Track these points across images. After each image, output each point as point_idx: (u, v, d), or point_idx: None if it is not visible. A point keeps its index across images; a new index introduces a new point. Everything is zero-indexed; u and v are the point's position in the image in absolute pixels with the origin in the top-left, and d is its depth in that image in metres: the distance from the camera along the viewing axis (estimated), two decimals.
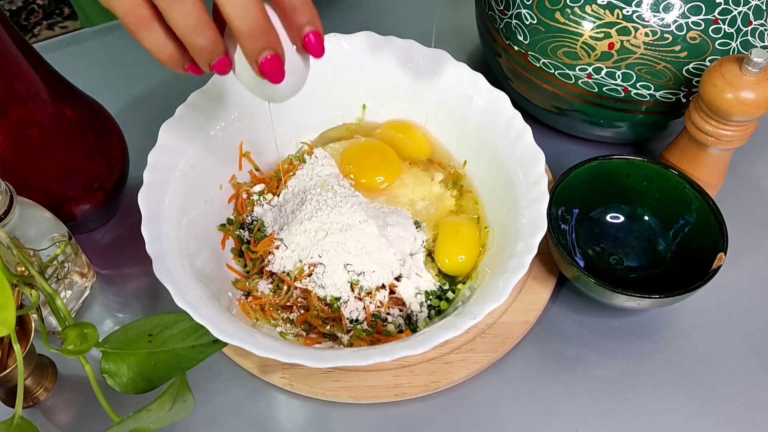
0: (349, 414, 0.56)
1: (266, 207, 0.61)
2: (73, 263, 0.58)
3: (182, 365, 0.47)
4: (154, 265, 0.49)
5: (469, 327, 0.48)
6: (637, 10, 0.58)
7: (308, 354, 0.48)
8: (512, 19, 0.64)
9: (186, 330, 0.49)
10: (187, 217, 0.56)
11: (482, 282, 0.56)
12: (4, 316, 0.42)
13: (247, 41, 0.42)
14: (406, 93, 0.64)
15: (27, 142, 0.55)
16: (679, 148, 0.63)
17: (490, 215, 0.61)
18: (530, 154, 0.56)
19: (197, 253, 0.56)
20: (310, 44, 0.44)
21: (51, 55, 0.58)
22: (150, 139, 0.56)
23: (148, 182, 0.54)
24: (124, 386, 0.47)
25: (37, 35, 1.95)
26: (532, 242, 0.51)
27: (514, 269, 0.50)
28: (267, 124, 0.63)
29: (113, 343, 0.48)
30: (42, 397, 0.56)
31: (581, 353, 0.59)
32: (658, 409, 0.56)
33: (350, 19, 0.65)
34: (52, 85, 0.55)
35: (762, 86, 0.54)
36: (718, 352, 0.59)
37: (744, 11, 0.59)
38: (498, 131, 0.59)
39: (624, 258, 0.62)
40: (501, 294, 0.49)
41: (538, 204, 0.54)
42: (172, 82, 0.77)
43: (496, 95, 0.59)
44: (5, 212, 0.49)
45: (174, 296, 0.48)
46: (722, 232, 0.57)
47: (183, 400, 0.44)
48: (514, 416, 0.56)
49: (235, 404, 0.56)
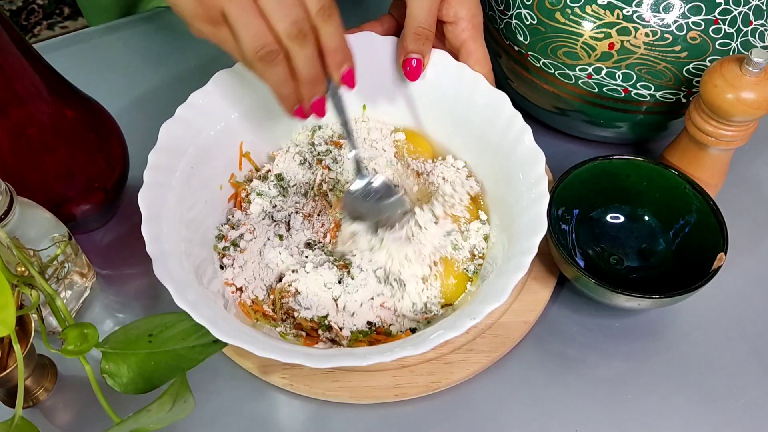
0: (350, 414, 0.56)
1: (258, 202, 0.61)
2: (73, 263, 0.58)
3: (182, 365, 0.47)
4: (154, 265, 0.49)
5: (470, 327, 0.48)
6: (638, 11, 0.58)
7: (308, 354, 0.48)
8: (512, 19, 0.64)
9: (186, 330, 0.49)
10: (188, 217, 0.56)
11: (482, 282, 0.56)
12: (4, 316, 0.42)
13: (301, 85, 0.50)
14: (405, 94, 0.64)
15: (27, 142, 0.55)
16: (679, 149, 0.63)
17: (490, 215, 0.61)
18: (530, 154, 0.56)
19: (197, 254, 0.56)
20: (346, 77, 0.52)
21: (51, 55, 0.58)
22: (150, 139, 0.56)
23: (149, 182, 0.54)
24: (124, 386, 0.47)
25: (37, 35, 1.95)
26: (533, 242, 0.51)
27: (515, 269, 0.50)
28: (266, 124, 0.63)
29: (113, 343, 0.48)
30: (42, 398, 0.56)
31: (581, 353, 0.59)
32: (659, 410, 0.56)
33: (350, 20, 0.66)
34: (52, 85, 0.55)
35: (762, 86, 0.54)
36: (719, 352, 0.59)
37: (744, 11, 0.59)
38: (498, 131, 0.59)
39: (624, 258, 0.62)
40: (501, 294, 0.49)
41: (538, 204, 0.54)
42: (172, 82, 0.77)
43: (496, 95, 0.59)
44: (5, 212, 0.49)
45: (174, 297, 0.48)
46: (722, 232, 0.57)
47: (183, 400, 0.44)
48: (514, 416, 0.56)
49: (235, 404, 0.56)
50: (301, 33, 0.46)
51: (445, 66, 0.61)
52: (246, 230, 0.60)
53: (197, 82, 0.59)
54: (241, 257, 0.58)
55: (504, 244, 0.56)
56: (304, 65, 0.48)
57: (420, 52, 0.58)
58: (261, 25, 0.45)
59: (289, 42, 0.46)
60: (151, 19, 0.84)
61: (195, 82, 0.60)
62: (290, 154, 0.64)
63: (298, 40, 0.46)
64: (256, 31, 0.45)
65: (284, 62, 0.48)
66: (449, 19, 0.59)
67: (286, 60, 0.48)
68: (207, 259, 0.58)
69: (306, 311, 0.56)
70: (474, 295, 0.55)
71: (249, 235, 0.59)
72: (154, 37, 0.83)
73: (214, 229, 0.60)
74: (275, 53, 0.47)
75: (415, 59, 0.57)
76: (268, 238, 0.59)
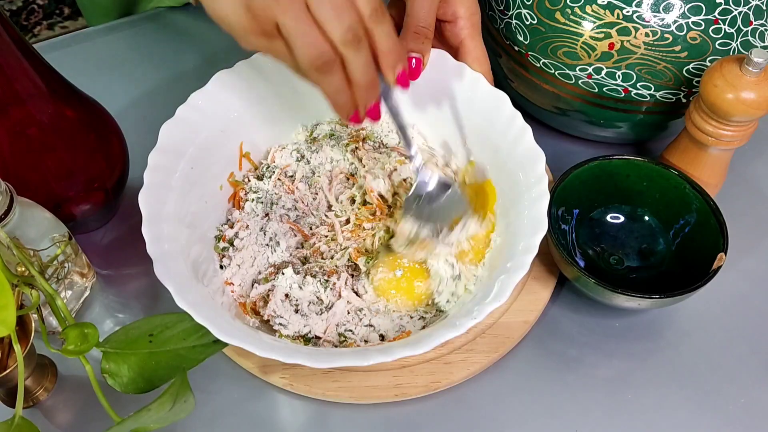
0: (349, 414, 0.56)
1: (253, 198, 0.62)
2: (73, 263, 0.58)
3: (183, 365, 0.47)
4: (155, 266, 0.49)
5: (470, 327, 0.48)
6: (638, 11, 0.58)
7: (308, 354, 0.48)
8: (512, 19, 0.64)
9: (186, 330, 0.49)
10: (188, 217, 0.56)
11: (483, 282, 0.56)
12: (4, 316, 0.42)
13: (357, 90, 0.49)
14: (406, 94, 0.64)
15: (27, 142, 0.55)
16: (679, 149, 0.63)
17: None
18: (531, 153, 0.56)
19: (198, 254, 0.56)
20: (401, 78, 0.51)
21: (51, 55, 0.58)
22: (150, 139, 0.56)
23: (149, 183, 0.54)
24: (124, 386, 0.47)
25: (37, 35, 1.95)
26: (533, 242, 0.51)
27: (515, 269, 0.50)
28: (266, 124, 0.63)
29: (114, 343, 0.48)
30: (42, 398, 0.56)
31: (581, 353, 0.59)
32: (659, 409, 0.56)
33: None
34: (52, 85, 0.55)
35: (762, 86, 0.54)
36: (719, 352, 0.59)
37: (744, 11, 0.59)
38: (498, 131, 0.59)
39: (624, 258, 0.62)
40: (502, 294, 0.49)
41: (538, 204, 0.54)
42: (172, 82, 0.77)
43: (496, 95, 0.59)
44: (5, 212, 0.49)
45: (175, 297, 0.48)
46: (722, 232, 0.57)
47: (183, 400, 0.44)
48: (514, 416, 0.56)
49: (235, 404, 0.56)
50: (356, 38, 0.45)
51: (444, 66, 0.61)
52: (240, 227, 0.60)
53: (197, 82, 0.59)
54: (238, 256, 0.58)
55: (504, 244, 0.56)
56: (361, 71, 0.47)
57: (420, 50, 0.58)
58: (316, 34, 0.45)
59: (344, 49, 0.46)
60: (151, 19, 0.84)
61: (195, 82, 0.60)
62: (287, 151, 0.64)
63: (354, 45, 0.45)
64: (312, 41, 0.45)
65: (341, 70, 0.47)
66: (448, 17, 0.60)
67: (341, 67, 0.47)
68: (207, 259, 0.58)
69: (283, 329, 0.55)
70: (474, 295, 0.55)
71: (243, 233, 0.59)
72: (154, 37, 0.83)
73: (214, 229, 0.60)
74: (332, 62, 0.46)
75: (414, 58, 0.57)
76: (263, 234, 0.60)
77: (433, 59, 0.61)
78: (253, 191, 0.62)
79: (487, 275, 0.56)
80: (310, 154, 0.64)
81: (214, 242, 0.60)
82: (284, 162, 0.64)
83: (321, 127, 0.66)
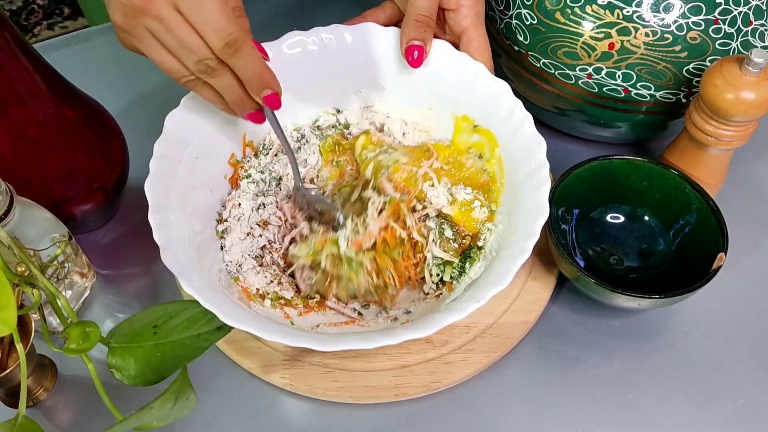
0: (349, 414, 0.56)
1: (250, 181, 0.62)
2: (73, 263, 0.58)
3: (188, 354, 0.48)
4: (161, 253, 0.50)
5: (473, 311, 0.48)
6: (638, 11, 0.58)
7: (314, 338, 0.48)
8: (512, 19, 0.64)
9: (190, 318, 0.49)
10: (192, 206, 0.57)
11: (485, 267, 0.56)
12: (5, 315, 0.42)
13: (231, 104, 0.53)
14: (408, 84, 0.64)
15: (27, 142, 0.55)
16: (679, 149, 0.63)
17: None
18: (531, 141, 0.57)
19: (201, 241, 0.56)
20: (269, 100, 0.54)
21: (51, 55, 0.58)
22: (150, 139, 0.56)
23: (155, 171, 0.54)
24: (132, 379, 0.47)
25: (37, 35, 1.95)
26: (535, 227, 0.52)
27: (517, 254, 0.51)
28: None
29: (119, 337, 0.48)
30: (42, 397, 0.56)
31: (581, 353, 0.59)
32: (659, 409, 0.56)
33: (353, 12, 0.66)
34: (52, 85, 0.55)
35: (762, 86, 0.54)
36: (718, 352, 0.59)
37: (744, 11, 0.59)
38: (499, 120, 0.59)
39: (624, 258, 0.62)
40: (504, 278, 0.50)
41: (539, 190, 0.54)
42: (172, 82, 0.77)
43: (498, 85, 0.59)
44: (5, 212, 0.49)
45: (182, 283, 0.49)
46: (722, 232, 0.57)
47: (185, 397, 0.44)
48: (514, 416, 0.56)
49: (235, 404, 0.56)
50: (208, 69, 0.49)
51: (446, 56, 0.61)
52: (231, 206, 0.60)
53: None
54: (233, 234, 0.59)
55: (506, 230, 0.57)
56: (225, 91, 0.52)
57: (421, 39, 0.58)
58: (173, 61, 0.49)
59: (200, 75, 0.50)
60: None
61: None
62: (288, 131, 0.65)
63: (207, 74, 0.49)
64: (169, 67, 0.49)
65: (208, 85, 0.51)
66: (451, 6, 0.60)
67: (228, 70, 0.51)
68: (210, 246, 0.58)
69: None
70: (477, 280, 0.55)
71: (236, 211, 0.60)
72: None
73: (217, 215, 0.61)
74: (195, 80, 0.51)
75: (417, 47, 0.58)
76: (256, 213, 0.61)
77: (435, 49, 0.61)
78: (253, 167, 0.62)
79: (490, 260, 0.56)
80: (311, 135, 0.65)
81: (216, 227, 0.60)
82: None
83: (326, 116, 0.66)
